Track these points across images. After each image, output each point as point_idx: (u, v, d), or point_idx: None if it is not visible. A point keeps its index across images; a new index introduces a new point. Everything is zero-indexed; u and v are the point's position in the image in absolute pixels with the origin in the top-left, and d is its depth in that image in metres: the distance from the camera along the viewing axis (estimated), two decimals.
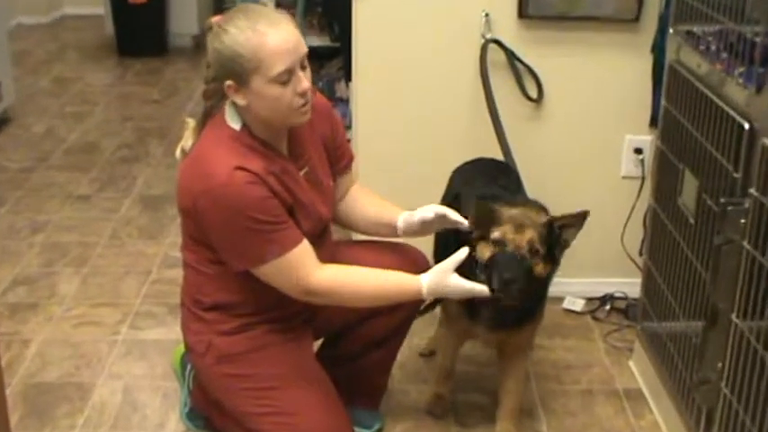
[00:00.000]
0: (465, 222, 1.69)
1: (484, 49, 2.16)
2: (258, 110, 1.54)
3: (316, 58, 3.49)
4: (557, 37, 2.20)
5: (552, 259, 1.66)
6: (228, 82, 1.52)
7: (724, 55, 1.64)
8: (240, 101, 1.54)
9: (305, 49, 1.54)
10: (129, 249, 2.75)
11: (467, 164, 2.08)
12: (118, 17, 4.76)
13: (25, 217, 2.95)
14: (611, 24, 2.17)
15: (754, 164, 1.49)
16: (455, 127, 2.28)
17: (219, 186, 1.50)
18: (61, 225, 2.90)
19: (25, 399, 2.03)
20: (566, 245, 1.68)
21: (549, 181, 2.08)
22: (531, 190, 2.00)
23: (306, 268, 1.57)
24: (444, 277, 1.60)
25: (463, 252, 1.61)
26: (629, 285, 2.26)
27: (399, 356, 1.96)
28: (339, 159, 1.76)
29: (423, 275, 1.62)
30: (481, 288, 1.60)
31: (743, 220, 1.50)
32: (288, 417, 1.63)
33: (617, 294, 2.36)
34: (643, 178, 2.28)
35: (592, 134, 2.28)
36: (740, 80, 1.56)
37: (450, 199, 1.98)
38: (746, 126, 1.52)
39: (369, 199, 1.81)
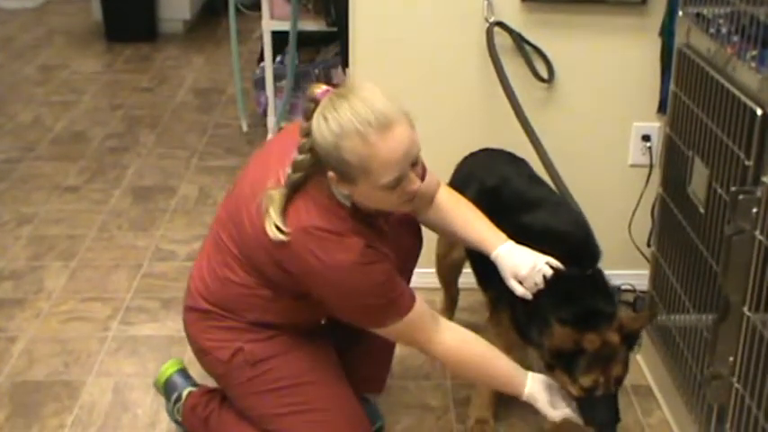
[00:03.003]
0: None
1: (489, 32, 2.10)
2: (361, 201, 1.49)
3: (311, 43, 3.44)
4: (561, 20, 2.15)
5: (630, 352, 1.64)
6: (331, 174, 1.45)
7: (735, 38, 1.61)
8: (343, 190, 1.48)
9: (418, 149, 1.45)
10: (120, 242, 2.70)
11: (474, 154, 2.02)
12: (106, 1, 4.69)
13: (11, 209, 2.90)
14: (618, 7, 2.12)
15: (767, 151, 1.46)
16: (458, 114, 2.23)
17: (345, 276, 1.48)
18: (48, 217, 2.85)
19: (12, 398, 1.99)
20: (636, 339, 1.66)
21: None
22: None
23: (424, 334, 1.59)
24: (545, 405, 1.63)
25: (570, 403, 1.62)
26: (637, 277, 2.22)
27: (399, 351, 1.92)
28: None
29: (528, 382, 1.63)
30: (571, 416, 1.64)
31: (755, 210, 1.47)
32: (314, 414, 1.63)
33: (624, 287, 2.32)
34: (651, 166, 2.25)
35: (598, 121, 2.24)
36: (752, 64, 1.53)
37: (457, 191, 1.92)
38: (759, 112, 1.48)
39: (467, 221, 1.73)
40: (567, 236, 1.74)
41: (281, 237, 1.47)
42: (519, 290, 1.63)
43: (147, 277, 2.50)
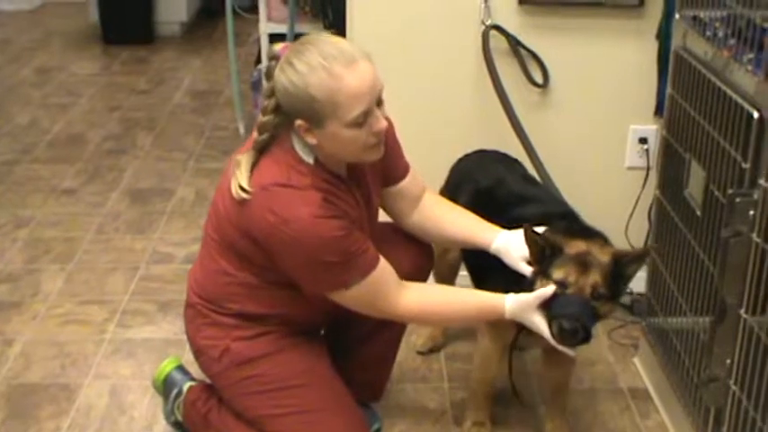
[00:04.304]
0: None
1: (485, 35, 2.11)
2: (330, 149, 1.50)
3: None
4: (558, 23, 2.16)
5: (615, 295, 1.60)
6: (299, 122, 1.47)
7: (732, 41, 1.61)
8: (311, 140, 1.49)
9: (381, 85, 1.48)
10: (117, 245, 2.69)
11: (468, 156, 2.03)
12: (103, 4, 4.69)
13: (8, 212, 2.89)
14: (615, 10, 2.13)
15: (764, 154, 1.46)
16: (456, 116, 2.23)
17: (302, 229, 1.47)
18: (45, 220, 2.84)
19: (8, 400, 1.99)
20: (629, 280, 1.62)
21: (551, 172, 2.03)
22: None
23: (389, 295, 1.57)
24: (529, 311, 1.58)
25: (550, 289, 1.55)
26: (634, 280, 2.20)
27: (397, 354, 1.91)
28: (393, 170, 1.72)
29: (507, 297, 1.60)
30: (551, 338, 1.56)
31: (752, 212, 1.48)
32: (308, 415, 1.62)
33: None
34: (648, 169, 2.25)
35: (595, 124, 2.24)
36: (749, 67, 1.53)
37: (452, 191, 1.94)
38: (755, 115, 1.48)
39: (457, 219, 1.75)
40: (560, 218, 1.72)
41: (244, 195, 1.49)
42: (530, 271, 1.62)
43: (144, 280, 2.49)
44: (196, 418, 1.79)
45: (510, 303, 1.59)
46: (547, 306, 1.56)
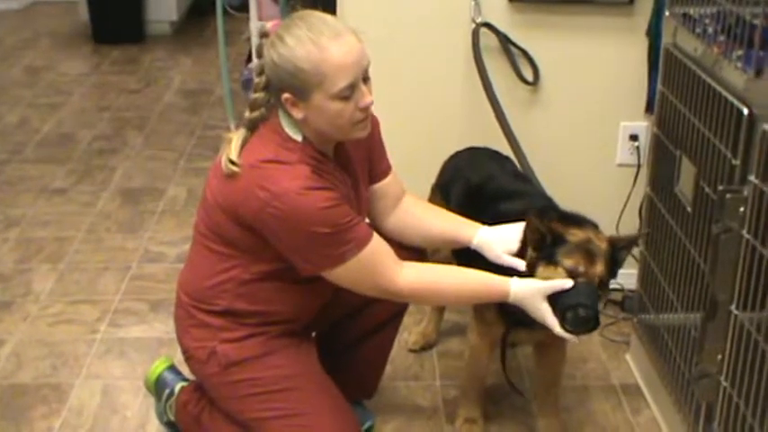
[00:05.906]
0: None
1: (476, 33, 2.12)
2: (316, 124, 1.50)
3: None
4: (548, 21, 2.16)
5: (610, 279, 1.62)
6: (286, 95, 1.48)
7: (722, 38, 1.62)
8: (297, 114, 1.50)
9: (368, 61, 1.50)
10: (108, 244, 2.68)
11: (460, 153, 2.04)
12: (93, 3, 4.67)
13: None
14: (605, 7, 2.14)
15: (754, 150, 1.47)
16: (447, 114, 2.24)
17: (292, 201, 1.47)
18: (36, 220, 2.83)
19: (0, 401, 1.97)
20: (621, 264, 1.64)
21: (542, 169, 2.04)
22: None
23: (387, 270, 1.55)
24: (537, 298, 1.56)
25: (568, 282, 1.54)
26: (625, 276, 2.21)
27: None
28: (377, 166, 1.72)
29: (513, 279, 1.58)
30: (556, 326, 1.55)
31: (742, 209, 1.48)
32: (299, 418, 1.61)
33: (612, 286, 2.32)
34: (639, 166, 2.26)
35: (586, 121, 2.25)
36: (738, 64, 1.54)
37: (443, 188, 1.94)
38: (745, 111, 1.49)
39: (436, 219, 1.75)
40: (543, 211, 1.72)
41: (233, 168, 1.51)
42: (518, 263, 1.62)
43: (135, 279, 2.49)
44: (188, 419, 1.78)
45: (516, 287, 1.57)
46: (556, 295, 1.55)
